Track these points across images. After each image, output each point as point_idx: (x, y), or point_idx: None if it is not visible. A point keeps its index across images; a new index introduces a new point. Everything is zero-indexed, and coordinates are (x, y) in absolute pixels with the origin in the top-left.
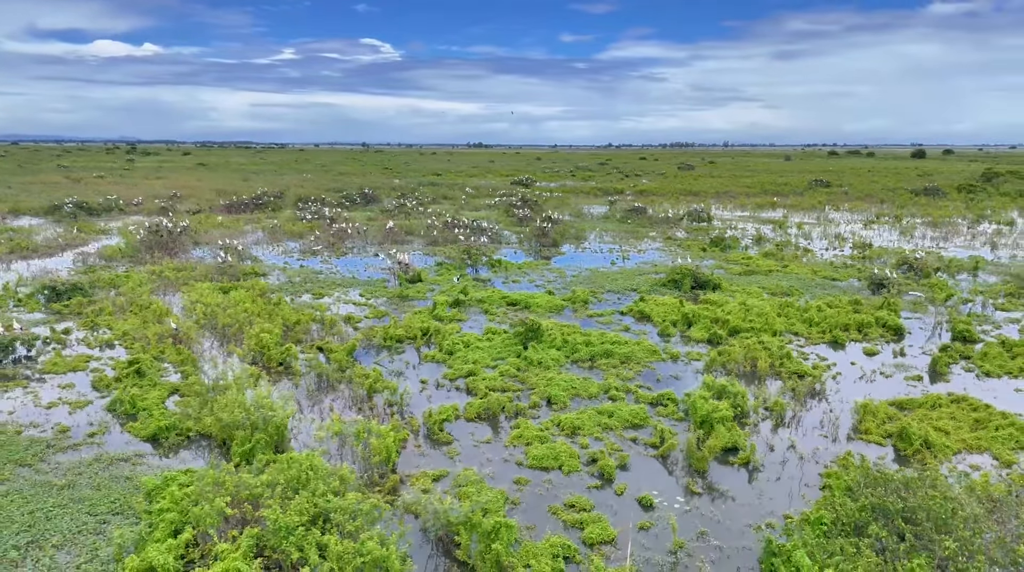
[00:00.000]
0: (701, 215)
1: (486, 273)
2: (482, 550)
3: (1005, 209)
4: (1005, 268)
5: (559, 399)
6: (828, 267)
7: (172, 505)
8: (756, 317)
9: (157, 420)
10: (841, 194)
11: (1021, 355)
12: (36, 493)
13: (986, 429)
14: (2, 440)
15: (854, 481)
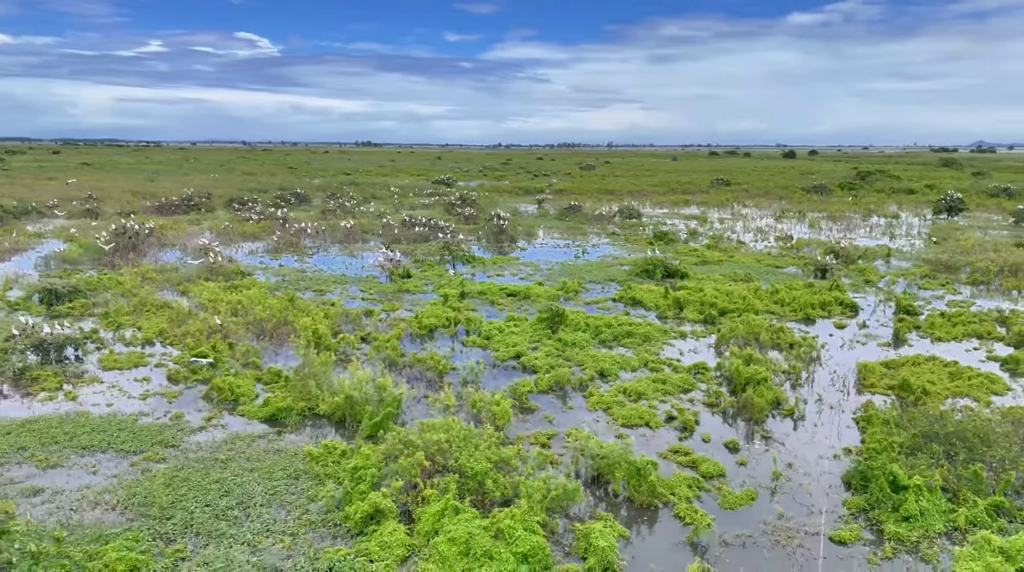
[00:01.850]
0: (632, 213)
1: (463, 269)
2: (635, 484)
3: (884, 204)
4: (910, 255)
5: (610, 372)
6: (767, 257)
7: (366, 463)
8: (738, 299)
9: (276, 402)
10: (741, 192)
11: (960, 324)
12: (207, 467)
13: (961, 380)
14: (130, 427)
15: (893, 418)
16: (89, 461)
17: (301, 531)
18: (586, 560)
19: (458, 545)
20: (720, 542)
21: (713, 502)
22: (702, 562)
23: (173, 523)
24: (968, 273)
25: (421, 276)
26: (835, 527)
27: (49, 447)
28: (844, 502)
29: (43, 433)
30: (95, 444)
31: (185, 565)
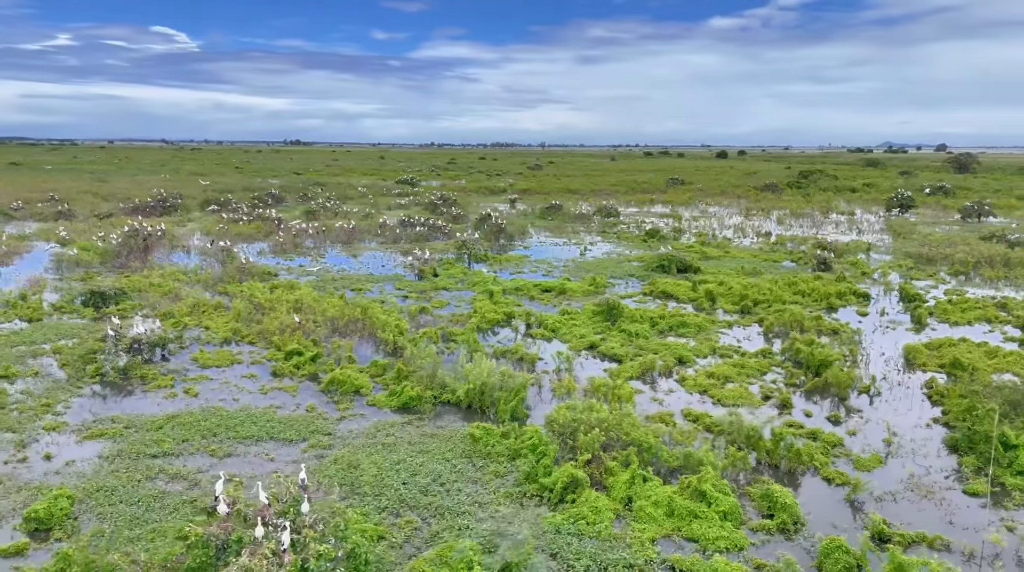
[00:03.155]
0: (610, 211)
1: (479, 267)
2: (781, 452)
3: (834, 201)
4: (887, 249)
5: (687, 359)
6: (760, 252)
7: (542, 440)
8: (765, 291)
9: (407, 392)
10: (697, 191)
11: (968, 309)
12: (377, 451)
13: (997, 357)
14: (275, 418)
15: (965, 391)
16: (259, 450)
17: (506, 501)
18: (774, 517)
19: (662, 507)
20: (874, 498)
21: (847, 465)
22: (878, 514)
23: (387, 498)
24: (949, 265)
25: (445, 274)
26: (964, 483)
27: (210, 439)
28: (960, 462)
29: (193, 427)
30: (254, 434)
31: (421, 533)
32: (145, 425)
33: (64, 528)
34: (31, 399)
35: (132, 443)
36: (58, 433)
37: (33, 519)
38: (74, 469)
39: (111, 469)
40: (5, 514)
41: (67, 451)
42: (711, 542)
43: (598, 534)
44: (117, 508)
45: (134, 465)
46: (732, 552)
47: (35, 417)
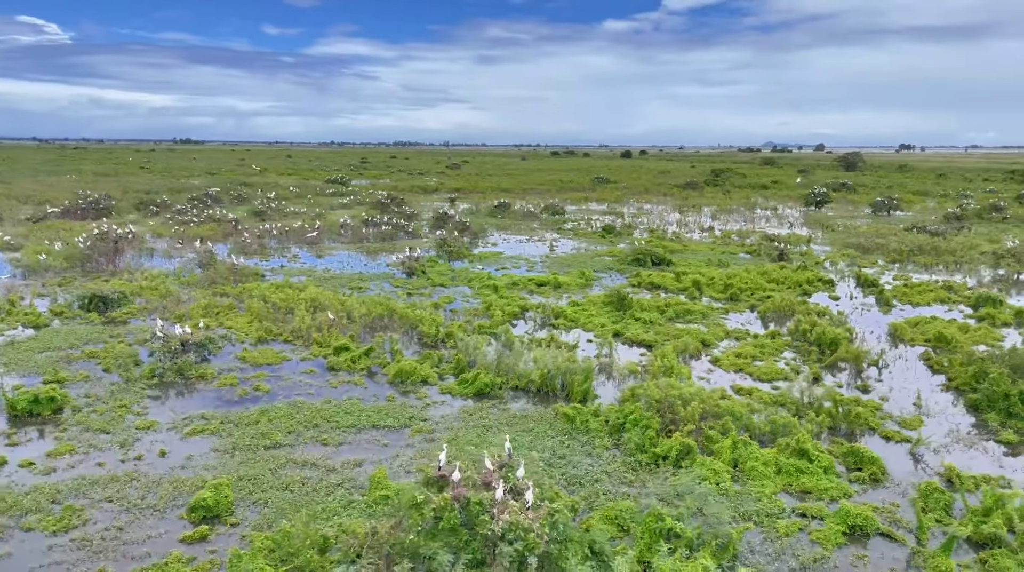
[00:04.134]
0: (556, 209)
1: (461, 264)
2: (841, 417)
3: (751, 198)
4: (823, 240)
5: (711, 341)
6: (714, 245)
7: (642, 415)
8: (745, 279)
9: (482, 379)
10: (622, 189)
11: (923, 292)
12: (480, 433)
13: (968, 332)
14: (366, 409)
15: (965, 358)
16: (368, 437)
17: (627, 469)
18: (862, 469)
19: (770, 466)
20: (931, 450)
21: (895, 425)
22: (948, 461)
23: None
24: (885, 253)
25: (433, 271)
26: (996, 435)
27: (315, 430)
28: (985, 418)
29: (290, 419)
30: (355, 424)
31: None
32: (240, 420)
33: (231, 514)
34: (100, 401)
35: (240, 437)
36: (155, 432)
37: (200, 507)
38: (199, 463)
39: (238, 461)
40: (162, 507)
41: (178, 447)
42: (823, 492)
43: (725, 492)
44: (270, 494)
45: (256, 457)
46: (842, 500)
47: (118, 418)
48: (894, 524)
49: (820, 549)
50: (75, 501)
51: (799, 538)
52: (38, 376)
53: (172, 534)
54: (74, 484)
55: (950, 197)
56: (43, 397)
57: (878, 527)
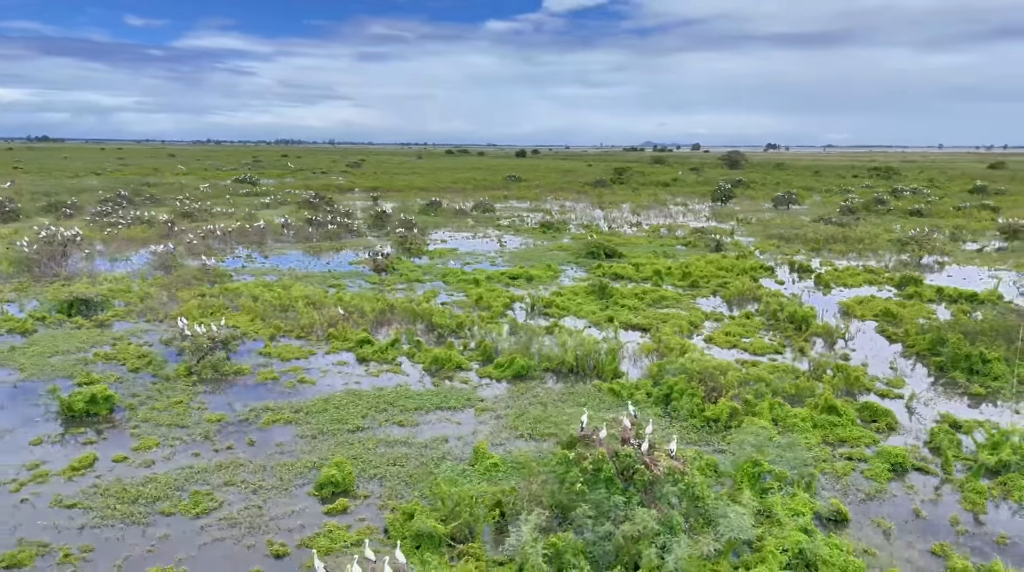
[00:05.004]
0: (486, 207)
1: (422, 261)
2: (840, 380)
3: (659, 195)
4: (743, 232)
5: (698, 323)
6: (652, 239)
7: (687, 386)
8: (701, 268)
9: (518, 361)
10: (534, 187)
11: (852, 275)
12: (540, 406)
13: (907, 307)
14: (422, 393)
15: (920, 328)
16: (437, 417)
17: (689, 431)
18: (877, 421)
19: (807, 421)
20: (922, 403)
21: (883, 385)
22: (946, 410)
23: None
24: (803, 242)
25: (400, 267)
26: (967, 388)
27: (385, 413)
28: (953, 377)
29: (355, 406)
30: (420, 406)
31: None
32: (308, 409)
33: (356, 489)
34: (152, 399)
35: (318, 423)
36: (228, 423)
37: (329, 483)
38: (294, 448)
39: (331, 444)
40: (284, 487)
41: (262, 436)
42: (856, 440)
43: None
44: (382, 469)
45: (344, 440)
46: (872, 445)
47: (183, 413)
48: (923, 461)
49: (875, 483)
50: (197, 487)
51: (855, 476)
52: (64, 379)
53: (312, 508)
54: (184, 473)
55: (834, 192)
56: (100, 397)
57: (912, 463)
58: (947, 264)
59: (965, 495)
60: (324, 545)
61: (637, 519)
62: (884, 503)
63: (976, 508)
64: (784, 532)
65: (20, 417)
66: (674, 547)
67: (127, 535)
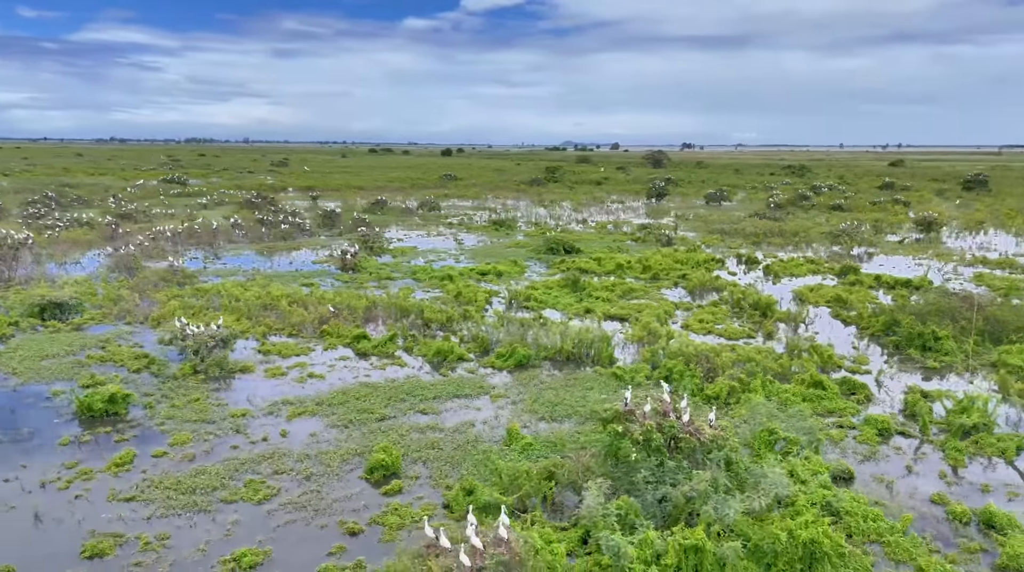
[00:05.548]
0: (432, 205)
1: (385, 259)
2: (821, 357)
3: (594, 193)
4: (686, 228)
5: (670, 311)
6: (602, 235)
7: (684, 368)
8: (660, 261)
9: (520, 351)
10: (472, 185)
11: (796, 266)
12: (551, 391)
13: (852, 294)
14: (433, 384)
15: (868, 311)
16: (457, 404)
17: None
18: (856, 393)
19: (797, 395)
20: (889, 377)
21: (851, 363)
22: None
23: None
24: (744, 236)
25: (366, 266)
26: (923, 362)
27: (405, 403)
28: (909, 353)
29: (374, 397)
30: (438, 394)
31: None
32: (329, 401)
33: (403, 472)
34: (167, 398)
35: (345, 414)
36: (253, 417)
37: (380, 467)
38: (328, 437)
39: (364, 433)
40: (334, 473)
41: (293, 428)
42: (843, 410)
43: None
44: (423, 453)
45: (375, 428)
46: (856, 415)
47: (205, 409)
48: (903, 426)
49: (868, 446)
50: (250, 477)
51: (849, 441)
52: (63, 381)
53: (368, 491)
54: (230, 464)
55: (758, 189)
56: (119, 396)
57: (895, 428)
58: (875, 254)
59: (947, 453)
60: (395, 521)
61: (696, 480)
62: (880, 462)
63: (957, 463)
64: (809, 489)
65: (35, 420)
66: (729, 504)
67: (198, 522)
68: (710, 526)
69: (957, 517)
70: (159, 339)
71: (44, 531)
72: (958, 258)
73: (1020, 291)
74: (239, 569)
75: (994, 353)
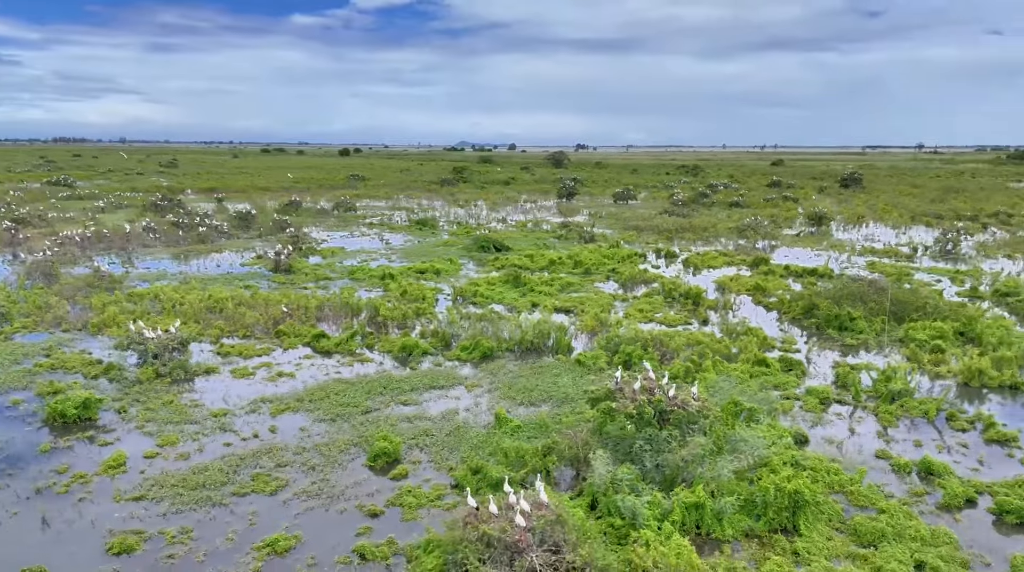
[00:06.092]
0: (348, 206)
1: (315, 260)
2: (758, 342)
3: (504, 192)
4: (602, 224)
5: (610, 302)
6: (526, 233)
7: (640, 351)
8: (590, 256)
9: (481, 347)
10: (382, 185)
11: (712, 258)
12: (528, 377)
13: (769, 283)
14: (406, 377)
15: (786, 297)
16: (435, 395)
17: None
18: (792, 370)
19: (745, 373)
20: (816, 355)
21: (781, 343)
22: (838, 358)
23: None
24: (657, 233)
25: (300, 267)
26: (841, 340)
27: (384, 397)
28: (828, 333)
29: (354, 392)
30: (415, 386)
31: None
32: (308, 398)
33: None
34: (139, 402)
35: (328, 409)
36: (236, 416)
37: (383, 455)
38: (319, 430)
39: (353, 425)
40: (337, 464)
41: (281, 424)
42: (786, 384)
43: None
44: (418, 440)
45: (363, 420)
46: (798, 387)
47: (182, 411)
48: (839, 395)
49: (814, 414)
50: (256, 470)
51: (796, 410)
52: (17, 391)
53: (376, 477)
54: (230, 460)
55: (658, 187)
56: (91, 401)
57: (833, 398)
58: (778, 246)
59: (880, 416)
60: (412, 502)
61: (692, 445)
62: (826, 427)
63: (890, 424)
64: (779, 450)
65: (3, 429)
66: (722, 465)
67: (216, 515)
68: (706, 485)
69: (901, 468)
70: (116, 344)
71: (58, 533)
72: (850, 249)
73: (909, 277)
74: (275, 553)
75: (900, 330)
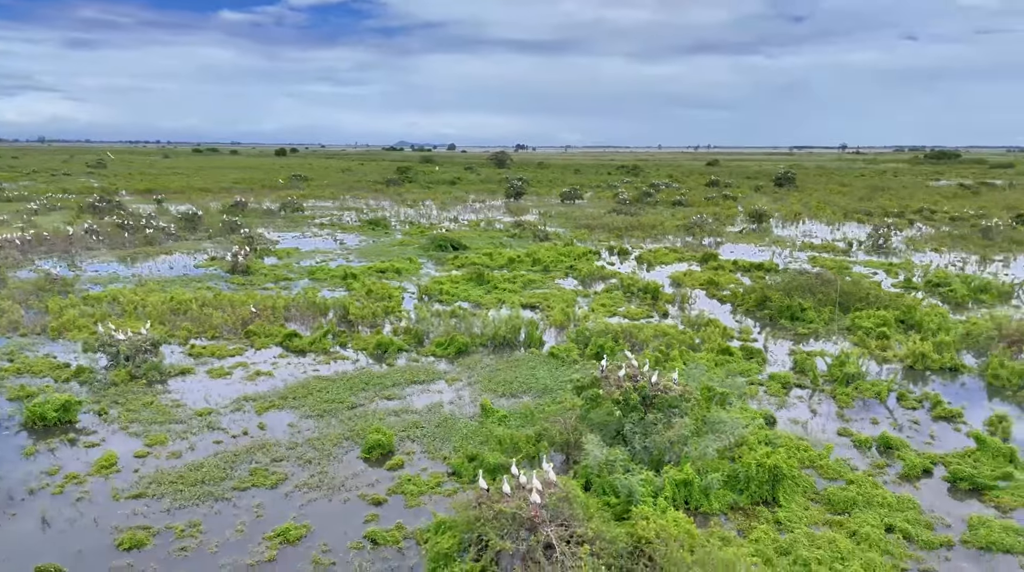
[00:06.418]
0: (296, 206)
1: (271, 261)
2: (720, 332)
3: (451, 193)
4: (552, 223)
5: (573, 298)
6: (481, 233)
7: (609, 342)
8: (549, 254)
9: (456, 342)
10: (326, 185)
11: (663, 255)
12: (507, 369)
13: (722, 277)
14: (387, 373)
15: (756, 288)
16: (419, 389)
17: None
18: (753, 358)
19: (710, 362)
20: (774, 344)
21: (739, 334)
22: (797, 346)
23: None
24: (607, 231)
25: (257, 267)
26: (795, 330)
27: (367, 393)
28: (782, 323)
29: (337, 389)
30: (398, 381)
31: None
32: (292, 395)
33: (398, 448)
34: (118, 404)
35: (314, 406)
36: (222, 414)
37: (377, 446)
38: (309, 426)
39: (341, 420)
40: (331, 457)
41: (269, 420)
42: (748, 371)
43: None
44: (408, 432)
45: (350, 415)
46: (760, 373)
47: (164, 411)
48: (798, 380)
49: (777, 397)
50: (252, 466)
51: (761, 394)
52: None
53: (372, 468)
54: (224, 457)
55: (603, 187)
56: (71, 403)
57: (793, 382)
58: (723, 243)
59: (837, 397)
60: (413, 489)
61: (678, 427)
62: (790, 409)
63: (847, 405)
64: (753, 430)
65: None
66: (707, 444)
67: (221, 509)
68: (693, 463)
69: (862, 443)
70: (84, 347)
71: (62, 532)
72: (791, 245)
73: (848, 270)
74: (287, 542)
75: (847, 319)
